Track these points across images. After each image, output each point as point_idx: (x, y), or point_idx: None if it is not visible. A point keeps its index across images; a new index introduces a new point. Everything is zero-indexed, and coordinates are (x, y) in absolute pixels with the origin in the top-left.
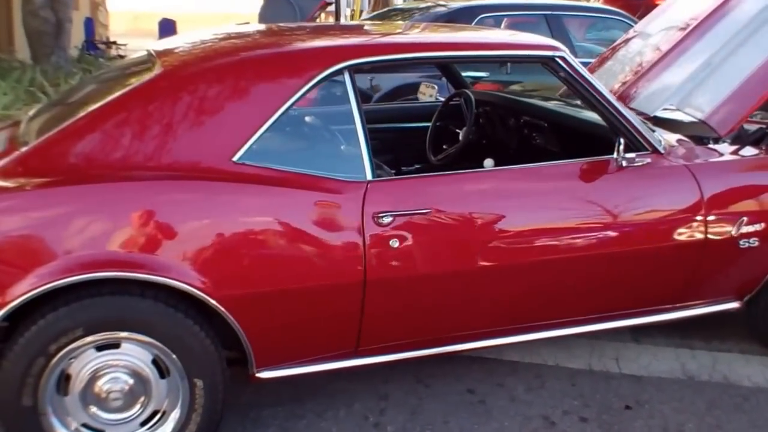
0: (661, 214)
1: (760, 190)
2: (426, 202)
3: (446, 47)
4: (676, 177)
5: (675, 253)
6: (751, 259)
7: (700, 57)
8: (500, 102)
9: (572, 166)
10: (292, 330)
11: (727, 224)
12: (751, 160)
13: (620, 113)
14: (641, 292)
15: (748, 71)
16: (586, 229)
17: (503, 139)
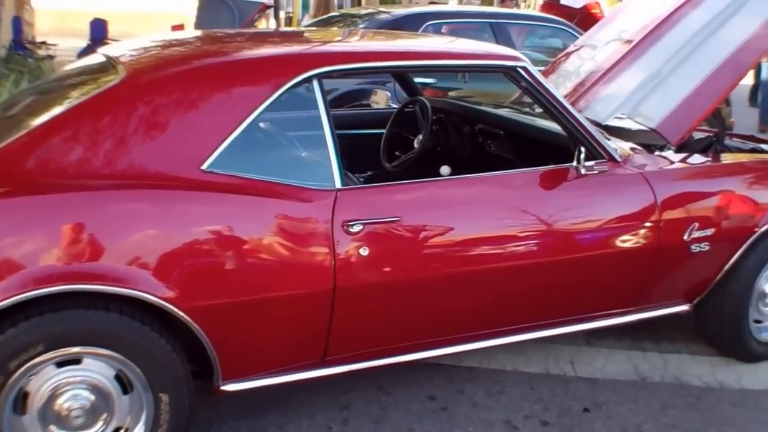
0: (618, 220)
1: (709, 196)
2: (395, 210)
3: (413, 56)
4: (632, 184)
5: (631, 258)
6: (701, 263)
7: (650, 67)
8: (455, 109)
9: (533, 173)
10: (261, 340)
11: (679, 230)
12: (700, 168)
13: (579, 122)
14: (598, 296)
15: (698, 81)
16: (547, 235)
17: (458, 146)
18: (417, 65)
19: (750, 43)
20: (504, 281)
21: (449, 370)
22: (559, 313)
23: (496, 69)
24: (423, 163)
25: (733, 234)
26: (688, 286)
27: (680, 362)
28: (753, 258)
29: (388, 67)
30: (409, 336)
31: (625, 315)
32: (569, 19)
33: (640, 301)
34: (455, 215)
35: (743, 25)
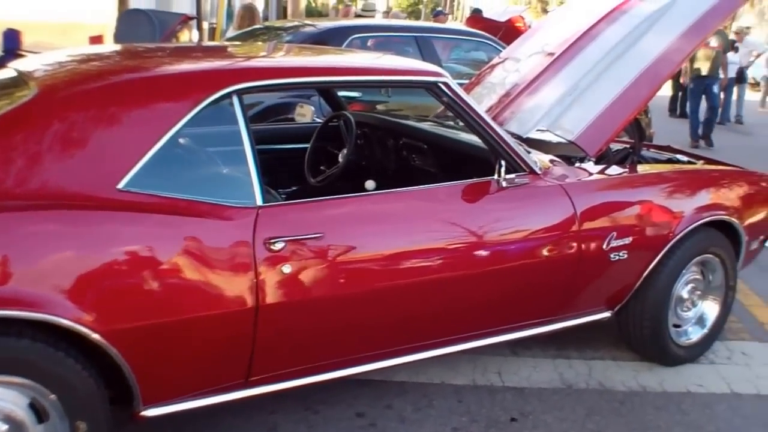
0: (539, 231)
1: (627, 206)
2: (318, 227)
3: (335, 72)
4: (552, 196)
5: (553, 268)
6: (620, 271)
7: (570, 80)
8: (379, 123)
9: (456, 187)
10: (182, 362)
11: (598, 239)
12: (618, 178)
13: (500, 136)
14: (522, 306)
15: (615, 94)
16: (471, 248)
17: (383, 160)
18: (338, 81)
19: (665, 56)
20: (428, 295)
21: (378, 385)
22: (485, 325)
23: (418, 84)
24: (348, 177)
25: (651, 242)
26: (609, 294)
27: (604, 368)
28: (670, 264)
29: (308, 83)
30: (335, 353)
31: (549, 324)
32: (494, 32)
33: (564, 309)
34: (379, 230)
35: (658, 38)
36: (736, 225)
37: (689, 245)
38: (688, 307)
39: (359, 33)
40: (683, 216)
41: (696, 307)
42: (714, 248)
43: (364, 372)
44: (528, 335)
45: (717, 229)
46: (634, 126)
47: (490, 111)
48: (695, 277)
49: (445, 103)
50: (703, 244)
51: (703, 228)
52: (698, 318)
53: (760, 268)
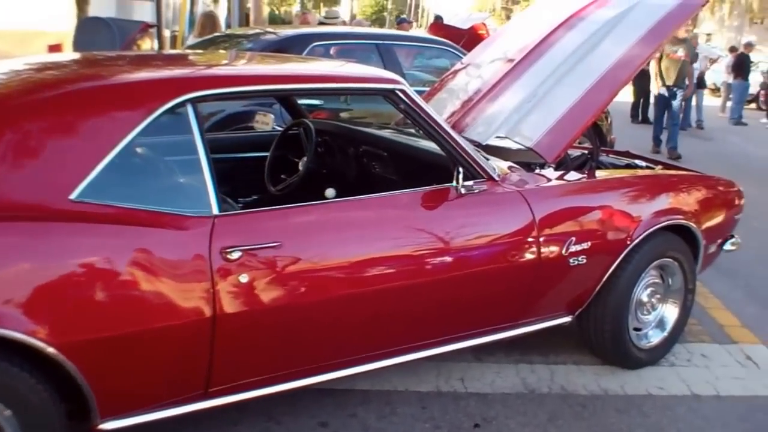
0: (498, 237)
1: (586, 211)
2: (274, 236)
3: (289, 80)
4: (511, 202)
5: (513, 274)
6: (580, 275)
7: (527, 87)
8: (339, 131)
9: (414, 194)
10: (140, 374)
11: (557, 244)
12: (576, 184)
13: (457, 143)
14: (484, 312)
15: (571, 101)
16: (431, 255)
17: (343, 168)
18: (293, 89)
19: (622, 62)
20: (389, 302)
21: (341, 394)
22: (447, 331)
23: (375, 92)
24: (309, 185)
25: (609, 246)
26: (570, 299)
27: (566, 373)
28: (629, 269)
29: (264, 91)
30: (296, 362)
31: (511, 329)
32: (457, 40)
33: (525, 314)
34: (338, 238)
35: (616, 44)
36: (693, 229)
37: (648, 249)
38: (648, 310)
39: (320, 41)
40: (641, 220)
41: (656, 310)
42: (672, 252)
43: (327, 381)
44: (490, 341)
45: (675, 233)
46: (592, 132)
47: (452, 117)
48: (654, 280)
49: (402, 110)
50: (662, 248)
51: (661, 232)
52: (658, 321)
53: (720, 271)
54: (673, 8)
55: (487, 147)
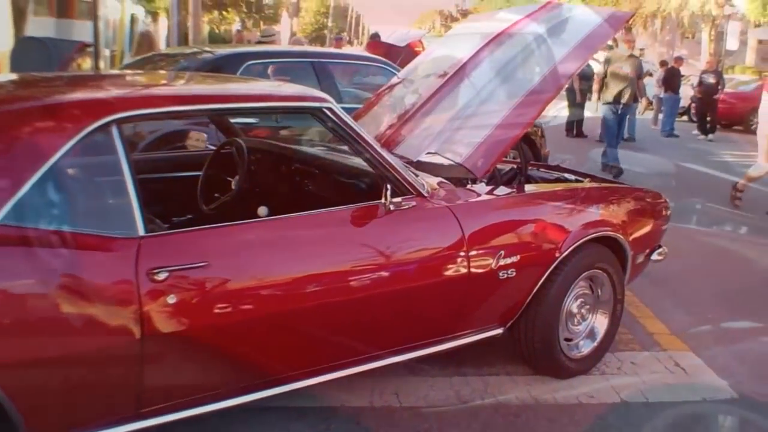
0: (428, 252)
1: (515, 225)
2: (201, 255)
3: (216, 100)
4: (440, 218)
5: (444, 288)
6: (510, 288)
7: (457, 103)
8: (272, 149)
9: (344, 212)
10: (69, 397)
11: (487, 258)
12: (505, 199)
13: (385, 160)
14: (417, 326)
15: (499, 117)
16: (360, 272)
17: (276, 186)
18: (221, 108)
19: (549, 77)
20: (320, 319)
21: (276, 411)
22: (380, 346)
23: (303, 110)
24: (242, 204)
25: (539, 259)
26: (501, 311)
27: (499, 384)
28: (559, 280)
29: (189, 112)
30: (227, 381)
31: (443, 342)
32: (394, 57)
33: (457, 328)
34: (267, 256)
35: (543, 60)
36: (621, 240)
37: (576, 261)
38: (579, 321)
39: (255, 59)
40: (570, 233)
41: (586, 321)
42: (601, 263)
43: (261, 399)
44: (423, 354)
45: (604, 244)
46: (522, 146)
47: (385, 133)
48: (584, 291)
49: (330, 128)
50: (590, 259)
51: (589, 244)
52: (589, 331)
53: (650, 280)
54: (598, 24)
55: (418, 163)
